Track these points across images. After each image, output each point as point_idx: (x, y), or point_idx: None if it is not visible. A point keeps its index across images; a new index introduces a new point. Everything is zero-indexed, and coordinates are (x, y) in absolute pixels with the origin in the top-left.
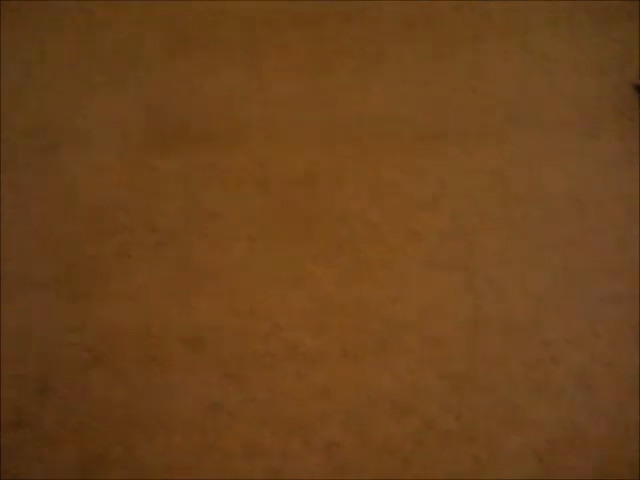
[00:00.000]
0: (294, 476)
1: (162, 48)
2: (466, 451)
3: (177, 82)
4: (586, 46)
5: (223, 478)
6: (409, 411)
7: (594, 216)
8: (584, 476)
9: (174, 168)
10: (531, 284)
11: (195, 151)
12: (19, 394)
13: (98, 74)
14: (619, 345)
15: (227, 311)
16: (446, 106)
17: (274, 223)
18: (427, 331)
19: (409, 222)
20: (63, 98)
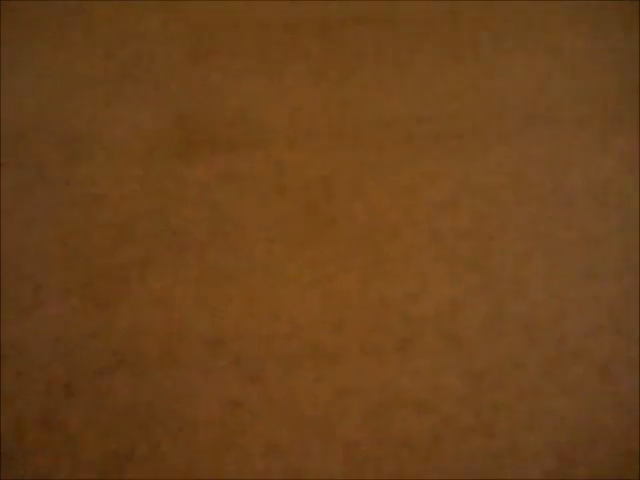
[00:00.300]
0: (313, 475)
1: (185, 56)
2: (485, 448)
3: (199, 91)
4: (607, 43)
5: (243, 476)
6: (428, 408)
7: (615, 214)
8: (606, 473)
9: (196, 175)
10: (551, 281)
11: (217, 158)
12: (46, 396)
13: (119, 83)
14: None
15: (248, 313)
16: (466, 106)
17: (294, 226)
18: (447, 329)
19: (429, 222)
20: (87, 108)
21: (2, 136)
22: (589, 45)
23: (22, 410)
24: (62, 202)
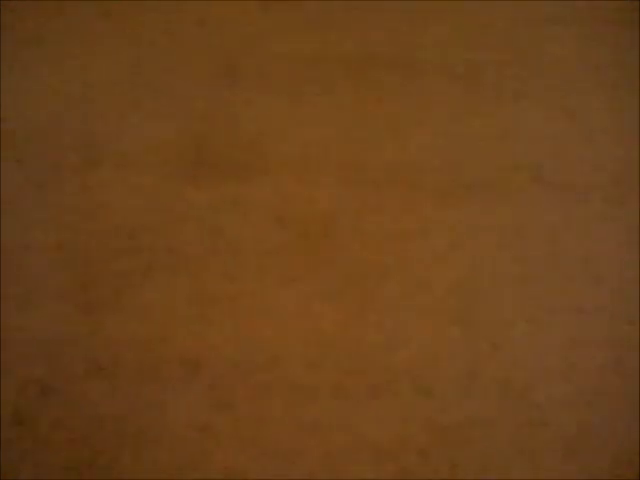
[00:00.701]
0: None
1: (211, 77)
2: None
3: (218, 114)
4: (630, 118)
5: None
6: (389, 457)
7: (608, 288)
8: None
9: (202, 196)
10: (532, 347)
11: (225, 182)
12: (22, 394)
13: (143, 96)
14: (615, 418)
15: (229, 339)
16: (477, 160)
17: (289, 258)
18: (420, 381)
19: (420, 272)
20: (106, 116)
21: (21, 134)
22: (610, 115)
23: None
24: (67, 205)
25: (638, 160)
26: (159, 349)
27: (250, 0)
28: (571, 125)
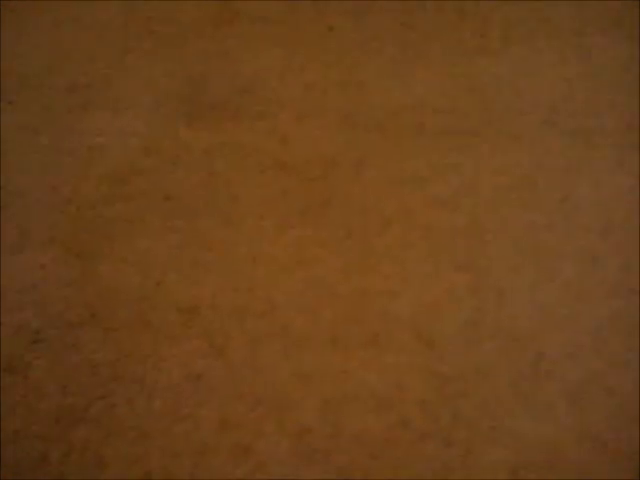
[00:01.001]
0: (261, 456)
1: (207, 20)
2: (438, 455)
3: (216, 56)
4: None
5: (192, 448)
6: (388, 407)
7: (620, 234)
8: None
9: (198, 140)
10: (538, 295)
11: (222, 126)
12: (14, 342)
13: (139, 38)
14: (620, 369)
15: (226, 286)
16: (485, 102)
17: (288, 203)
18: (422, 330)
19: (424, 218)
20: (101, 59)
21: (14, 78)
22: (623, 57)
23: None
24: (61, 149)
25: None
26: (153, 296)
27: None
28: (583, 67)
